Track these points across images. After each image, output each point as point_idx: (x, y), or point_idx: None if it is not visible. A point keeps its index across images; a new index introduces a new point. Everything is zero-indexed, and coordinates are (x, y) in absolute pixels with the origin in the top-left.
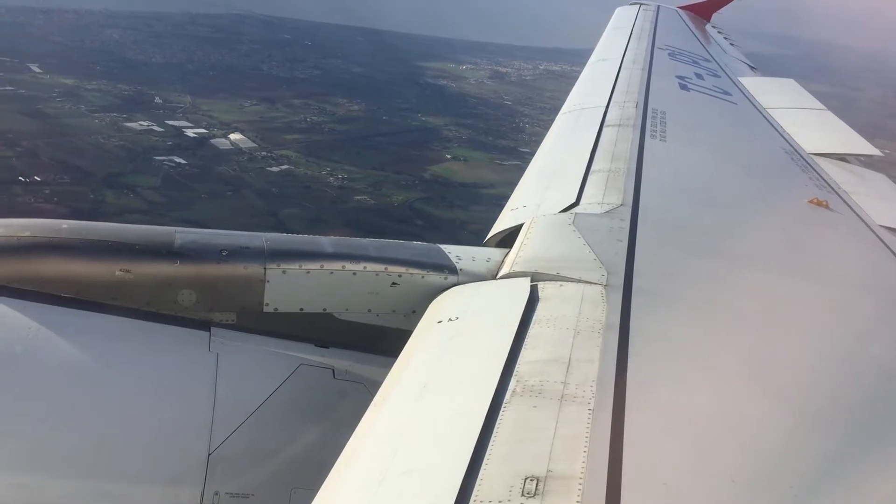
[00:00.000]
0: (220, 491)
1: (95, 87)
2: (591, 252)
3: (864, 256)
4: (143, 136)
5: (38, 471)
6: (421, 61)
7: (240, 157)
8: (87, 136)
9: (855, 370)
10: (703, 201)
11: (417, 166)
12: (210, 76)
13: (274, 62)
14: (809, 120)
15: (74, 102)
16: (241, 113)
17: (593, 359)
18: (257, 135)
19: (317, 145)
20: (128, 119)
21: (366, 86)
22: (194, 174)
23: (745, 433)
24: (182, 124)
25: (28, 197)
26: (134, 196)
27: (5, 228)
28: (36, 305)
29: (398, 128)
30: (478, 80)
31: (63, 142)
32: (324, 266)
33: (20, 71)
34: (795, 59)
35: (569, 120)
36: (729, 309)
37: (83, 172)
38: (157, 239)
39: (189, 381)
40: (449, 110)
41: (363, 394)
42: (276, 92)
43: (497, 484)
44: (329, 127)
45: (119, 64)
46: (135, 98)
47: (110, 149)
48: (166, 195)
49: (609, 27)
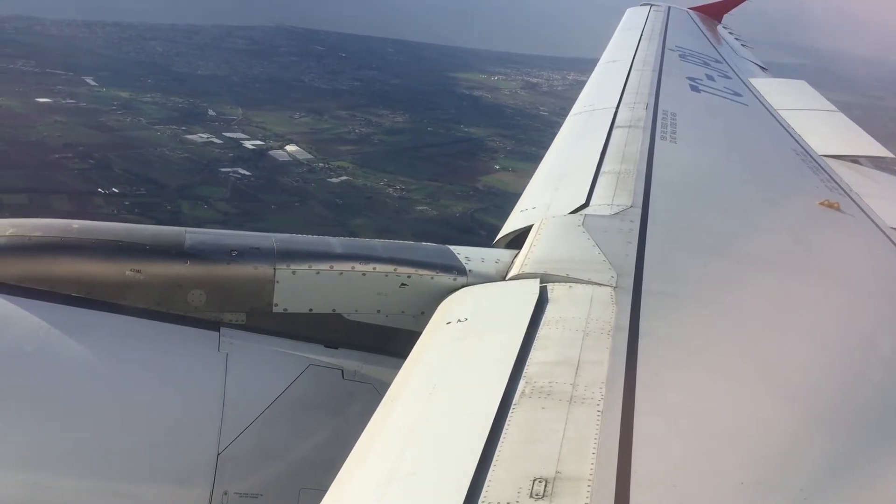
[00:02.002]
0: (230, 491)
1: (150, 100)
2: (601, 253)
3: (875, 258)
4: (205, 149)
5: (48, 469)
6: (452, 72)
7: (299, 168)
8: (153, 148)
9: (865, 373)
10: (713, 203)
11: (469, 177)
12: (256, 88)
13: (313, 74)
14: (820, 121)
15: (134, 115)
16: (291, 125)
17: (602, 360)
18: (311, 146)
19: (370, 156)
20: (187, 131)
21: (405, 97)
22: (260, 185)
23: (754, 435)
24: (239, 136)
25: (110, 208)
26: (208, 207)
27: (16, 228)
28: (46, 305)
29: (444, 139)
30: (511, 90)
31: (132, 154)
32: (333, 267)
33: (77, 84)
34: (813, 68)
35: (579, 121)
36: (738, 311)
37: (156, 184)
38: (168, 239)
39: (198, 381)
40: (489, 121)
41: (372, 394)
42: (322, 103)
43: (505, 485)
44: (378, 138)
45: (168, 77)
46: (189, 110)
47: (176, 161)
48: (238, 206)
49: (619, 28)
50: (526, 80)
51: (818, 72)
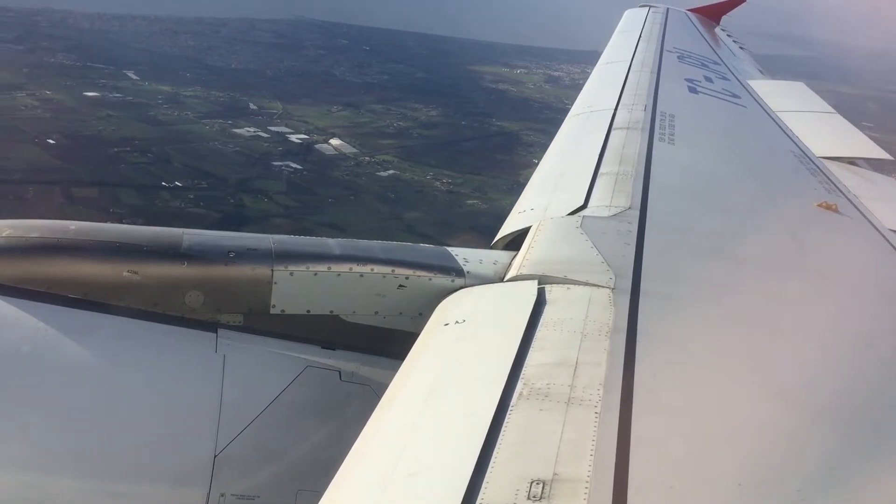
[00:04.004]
0: (226, 492)
1: (193, 94)
2: (599, 255)
3: (873, 260)
4: (254, 142)
5: (45, 471)
6: (474, 65)
7: (346, 162)
8: (205, 142)
9: (863, 375)
10: (712, 204)
11: (510, 170)
12: (290, 82)
13: (343, 67)
14: (819, 123)
15: (180, 109)
16: (331, 118)
17: (600, 362)
18: (354, 140)
19: (411, 150)
20: (233, 125)
21: (433, 90)
22: (313, 179)
23: (751, 437)
24: (283, 130)
25: (178, 202)
26: (269, 201)
27: (13, 229)
28: (44, 306)
29: (479, 133)
30: (535, 84)
31: (187, 148)
32: (331, 268)
33: (119, 78)
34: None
35: (577, 123)
36: (737, 313)
37: (216, 178)
38: (165, 240)
39: (196, 383)
40: (519, 115)
41: (369, 396)
42: (356, 97)
43: (503, 487)
44: (416, 132)
45: (205, 70)
46: (230, 104)
47: (229, 154)
48: (298, 200)
49: (618, 30)
50: (548, 73)
51: (828, 65)
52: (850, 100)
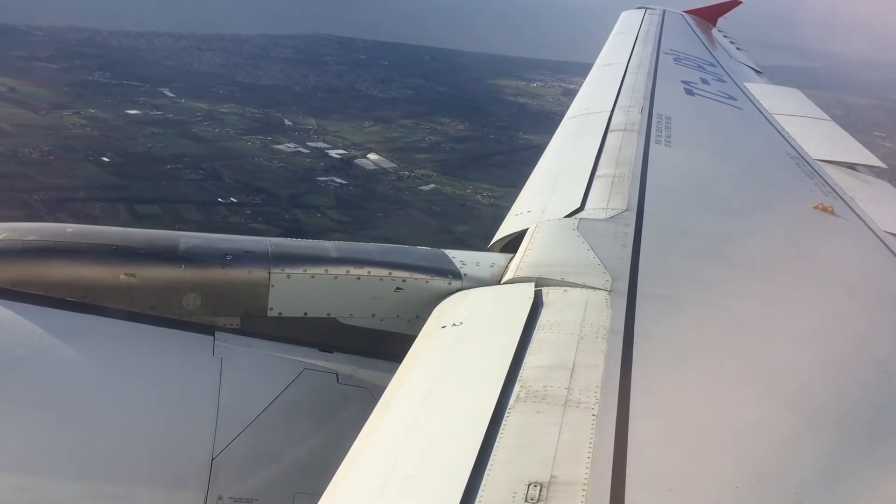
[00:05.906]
0: (224, 495)
1: (229, 111)
2: (596, 257)
3: (869, 262)
4: (296, 158)
5: (42, 474)
6: (492, 79)
7: (388, 176)
8: (249, 158)
9: (860, 376)
10: (708, 206)
11: None
12: (319, 98)
13: (366, 83)
14: (814, 129)
15: (220, 126)
16: (364, 133)
17: (597, 364)
18: (391, 154)
19: (447, 164)
20: (273, 141)
21: (457, 105)
22: (359, 193)
23: (749, 439)
24: (321, 146)
25: (236, 217)
26: (322, 216)
27: (10, 232)
28: (40, 309)
29: (508, 146)
30: (553, 97)
31: (233, 164)
32: (328, 271)
33: (155, 95)
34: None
35: (574, 125)
36: (733, 315)
37: (267, 193)
38: (162, 243)
39: (193, 386)
40: (543, 128)
41: (367, 399)
42: (384, 112)
43: (500, 489)
44: (448, 146)
45: (236, 87)
46: (266, 121)
47: (275, 170)
48: (348, 214)
49: (614, 31)
50: (563, 86)
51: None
52: (860, 110)
